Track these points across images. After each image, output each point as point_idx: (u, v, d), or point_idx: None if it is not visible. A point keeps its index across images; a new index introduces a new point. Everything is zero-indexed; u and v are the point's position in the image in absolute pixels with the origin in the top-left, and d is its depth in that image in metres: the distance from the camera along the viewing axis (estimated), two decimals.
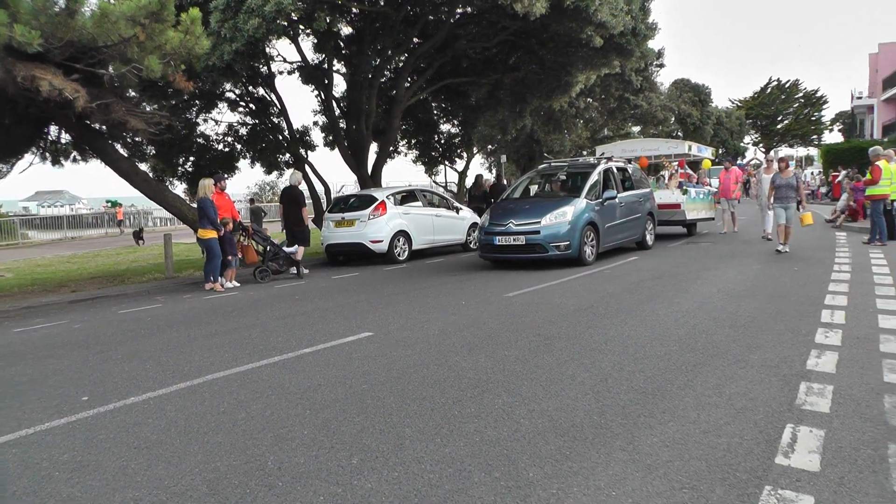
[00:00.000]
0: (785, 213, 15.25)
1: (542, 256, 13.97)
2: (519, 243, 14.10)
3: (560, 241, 13.83)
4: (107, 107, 12.26)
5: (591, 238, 14.50)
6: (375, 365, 6.70)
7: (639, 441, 4.44)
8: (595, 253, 14.65)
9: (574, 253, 13.94)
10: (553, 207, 14.30)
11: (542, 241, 13.87)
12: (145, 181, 16.98)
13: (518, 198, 16.51)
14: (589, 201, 14.69)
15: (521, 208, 14.93)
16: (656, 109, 47.23)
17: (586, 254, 14.26)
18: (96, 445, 4.79)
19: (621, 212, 15.91)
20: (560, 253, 13.83)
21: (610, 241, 15.43)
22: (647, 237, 17.38)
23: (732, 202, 21.47)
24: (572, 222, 14.01)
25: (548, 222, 13.97)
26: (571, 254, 13.92)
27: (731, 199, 21.34)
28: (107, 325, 10.02)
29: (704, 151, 23.65)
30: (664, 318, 8.38)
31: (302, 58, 21.47)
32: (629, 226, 16.40)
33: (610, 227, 15.32)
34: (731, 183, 21.24)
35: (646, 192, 17.71)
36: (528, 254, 14.09)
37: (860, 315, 8.15)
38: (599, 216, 14.82)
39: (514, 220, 14.33)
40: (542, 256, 13.99)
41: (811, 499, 3.59)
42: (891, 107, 55.05)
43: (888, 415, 4.77)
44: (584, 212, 14.35)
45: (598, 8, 16.85)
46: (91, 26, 10.75)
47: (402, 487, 3.90)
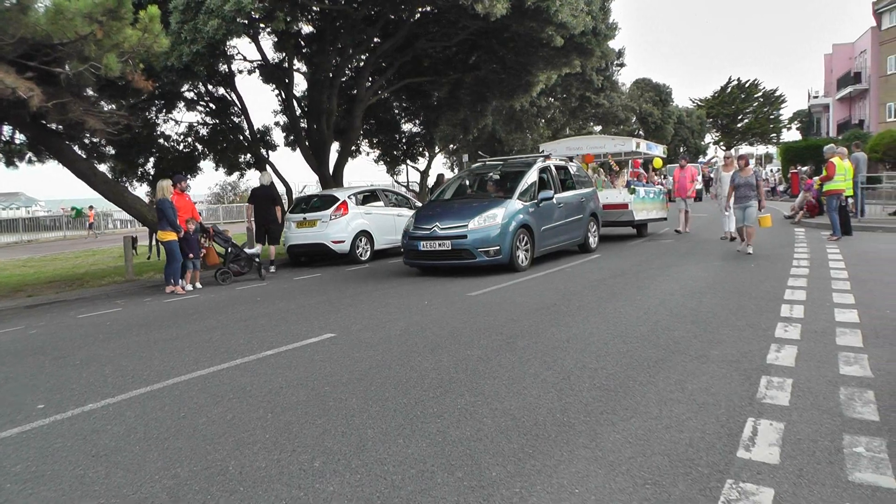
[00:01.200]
0: (743, 214, 14.61)
1: (470, 263, 13.09)
2: (445, 249, 13.15)
3: (489, 246, 12.89)
4: (63, 106, 12.06)
5: (524, 242, 13.58)
6: (338, 366, 6.67)
7: (601, 438, 4.47)
8: (530, 258, 13.74)
9: (505, 258, 13.03)
10: (482, 210, 13.37)
11: (469, 247, 12.92)
12: (105, 182, 16.76)
13: (448, 199, 15.40)
14: (523, 202, 13.80)
15: (449, 211, 14.02)
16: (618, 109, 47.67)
17: (519, 259, 13.33)
18: (52, 455, 4.70)
19: (560, 213, 15.00)
20: (489, 259, 12.94)
21: (547, 244, 14.55)
22: (589, 239, 16.39)
23: (688, 201, 20.77)
24: (503, 225, 13.06)
25: (476, 226, 13.03)
26: (502, 259, 13.01)
27: (686, 198, 20.67)
28: (64, 330, 9.87)
29: (655, 149, 22.46)
30: (626, 316, 8.44)
31: (262, 57, 21.35)
32: (569, 228, 15.43)
33: (547, 230, 14.41)
34: (687, 181, 20.64)
35: (588, 192, 16.69)
36: (455, 260, 13.23)
37: (818, 309, 8.30)
38: (534, 218, 13.93)
39: (439, 223, 13.41)
40: (469, 263, 13.10)
41: (771, 491, 3.65)
42: (845, 105, 56.19)
43: (844, 406, 4.86)
44: (516, 214, 13.43)
45: (558, 8, 16.96)
46: (45, 23, 10.56)
47: (364, 490, 3.88)
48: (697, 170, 36.28)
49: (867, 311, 8.06)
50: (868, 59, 50.70)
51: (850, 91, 53.03)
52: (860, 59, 53.61)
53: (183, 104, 21.46)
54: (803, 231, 19.27)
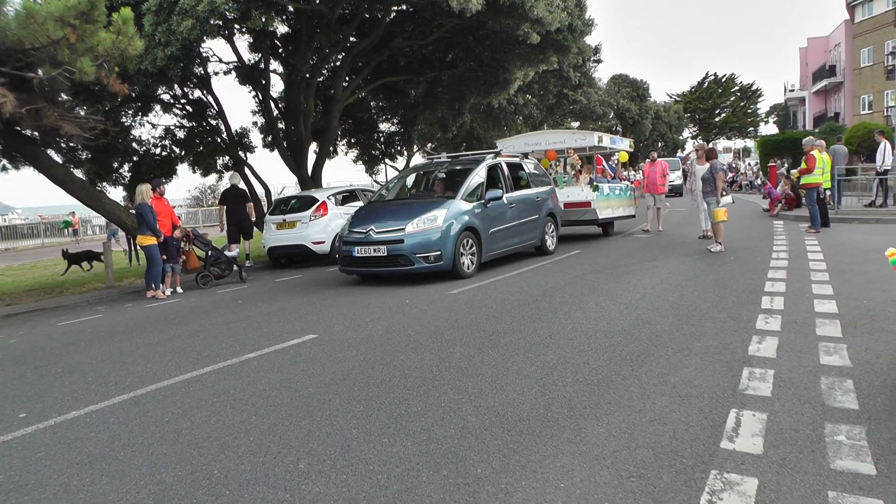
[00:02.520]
0: (708, 207, 14.44)
1: (407, 270, 12.03)
2: (380, 254, 12.11)
3: (429, 251, 11.86)
4: (37, 112, 11.95)
5: (469, 246, 12.54)
6: (321, 367, 6.67)
7: (585, 432, 4.49)
8: (477, 263, 12.75)
9: (447, 264, 12.00)
10: (421, 211, 12.34)
11: (406, 252, 11.88)
12: (82, 188, 16.62)
13: (388, 200, 14.45)
14: (468, 203, 12.78)
15: (386, 212, 13.02)
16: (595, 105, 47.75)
17: (463, 265, 12.31)
18: (35, 463, 4.67)
19: (512, 214, 13.98)
20: (429, 265, 11.91)
21: (497, 248, 13.53)
22: (547, 241, 15.39)
23: (659, 198, 19.69)
24: (444, 228, 12.03)
25: (414, 229, 12.00)
26: (443, 265, 11.98)
27: (657, 194, 19.61)
28: (45, 339, 9.79)
29: (620, 143, 21.19)
30: (608, 310, 8.48)
31: (238, 58, 21.28)
32: (523, 229, 14.39)
33: (496, 233, 13.40)
34: (658, 176, 19.62)
35: (545, 191, 15.63)
36: (391, 267, 12.17)
37: (798, 300, 8.38)
38: (481, 220, 12.91)
39: (374, 226, 12.36)
40: (406, 270, 12.04)
41: (755, 480, 3.68)
42: (821, 98, 56.69)
43: (824, 395, 4.92)
44: (460, 215, 12.42)
45: (534, 4, 17.02)
46: (16, 27, 10.47)
47: (349, 490, 3.88)
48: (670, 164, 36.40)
49: (846, 301, 8.14)
50: (842, 53, 51.16)
51: (825, 84, 53.48)
52: (835, 52, 54.07)
53: (159, 107, 21.35)
54: (782, 223, 19.41)
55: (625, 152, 21.33)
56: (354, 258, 12.41)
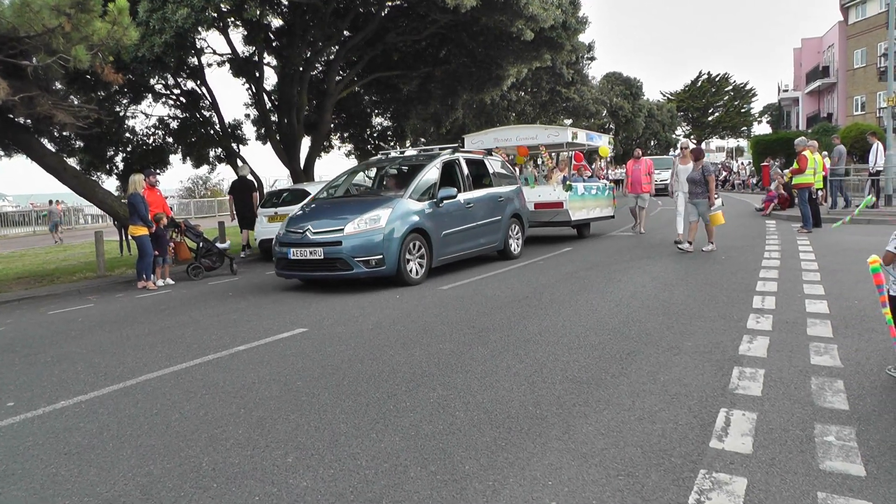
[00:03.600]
0: (695, 209, 13.69)
1: (345, 275, 11.02)
2: (316, 257, 11.04)
3: (369, 255, 10.83)
4: (31, 100, 11.91)
5: (417, 249, 11.56)
6: (310, 361, 6.67)
7: (574, 430, 4.50)
8: (426, 268, 11.74)
9: (390, 269, 11.01)
10: (363, 211, 11.34)
11: (344, 255, 10.82)
12: (75, 177, 16.54)
13: (334, 198, 13.23)
14: (418, 202, 11.81)
15: (327, 211, 12.00)
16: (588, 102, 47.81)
17: (409, 270, 11.35)
18: (23, 453, 4.66)
19: (470, 215, 12.98)
20: (369, 270, 10.89)
21: (451, 252, 12.51)
22: (510, 244, 14.34)
23: (643, 197, 18.84)
24: (388, 230, 11.01)
25: (353, 230, 10.97)
26: (385, 270, 10.99)
27: (641, 193, 18.79)
28: (35, 327, 9.76)
29: (597, 139, 19.79)
30: (598, 308, 8.50)
31: (232, 50, 21.22)
32: (483, 231, 13.37)
33: (451, 235, 12.37)
34: (642, 175, 18.75)
35: (510, 191, 14.62)
36: (328, 272, 11.15)
37: (789, 300, 8.42)
38: (433, 221, 11.90)
39: (312, 226, 11.33)
40: (344, 275, 11.04)
41: (744, 480, 3.70)
42: (814, 99, 56.83)
43: (814, 396, 4.95)
44: (407, 216, 11.42)
45: (528, 1, 17.02)
46: (11, 15, 10.42)
47: (337, 484, 3.89)
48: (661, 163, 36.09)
49: (837, 301, 8.18)
50: (836, 54, 51.29)
51: (818, 85, 53.65)
52: (828, 53, 54.22)
53: (152, 97, 21.28)
54: (774, 223, 19.48)
55: (605, 147, 20.13)
56: (290, 261, 11.36)
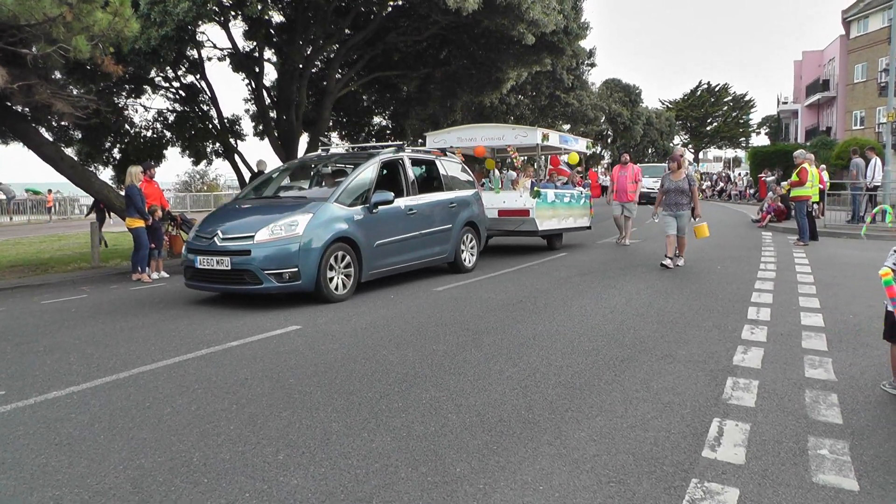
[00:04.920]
0: (676, 222, 12.76)
1: (254, 290, 9.64)
2: (223, 268, 9.69)
3: (282, 267, 9.50)
4: (29, 88, 11.87)
5: (342, 261, 10.20)
6: (303, 359, 6.66)
7: (566, 436, 4.50)
8: (354, 283, 10.38)
9: (306, 283, 9.67)
10: (280, 215, 10.03)
11: (253, 267, 9.48)
12: (72, 167, 16.50)
13: (253, 198, 11.82)
14: (345, 207, 10.43)
15: (241, 214, 10.71)
16: (587, 108, 47.85)
17: (332, 284, 9.99)
18: (13, 442, 4.64)
19: (412, 222, 11.66)
20: (282, 284, 9.57)
21: (386, 264, 11.14)
22: (462, 255, 13.04)
23: (629, 206, 17.45)
24: (306, 238, 9.68)
25: (265, 237, 9.63)
26: (301, 285, 9.65)
27: (627, 202, 17.41)
28: (28, 316, 9.72)
29: (574, 143, 18.20)
30: (592, 314, 8.50)
31: (233, 45, 21.17)
32: (428, 241, 12.04)
33: (386, 245, 11.03)
34: (628, 182, 17.40)
35: (464, 196, 13.26)
36: (236, 285, 9.81)
37: (784, 312, 8.44)
38: (363, 229, 10.55)
39: (222, 231, 10.01)
40: (253, 290, 9.66)
41: (736, 491, 3.70)
42: (813, 112, 56.95)
43: (808, 408, 4.96)
44: (330, 222, 10.07)
45: (530, 6, 17.01)
46: (12, 3, 10.37)
47: (328, 483, 3.88)
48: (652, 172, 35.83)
49: (832, 315, 8.21)
50: (836, 67, 51.36)
51: (818, 98, 53.71)
52: (829, 66, 54.29)
53: (151, 90, 21.23)
54: (770, 235, 19.51)
55: (575, 153, 18.17)
56: (196, 270, 10.06)
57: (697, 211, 12.89)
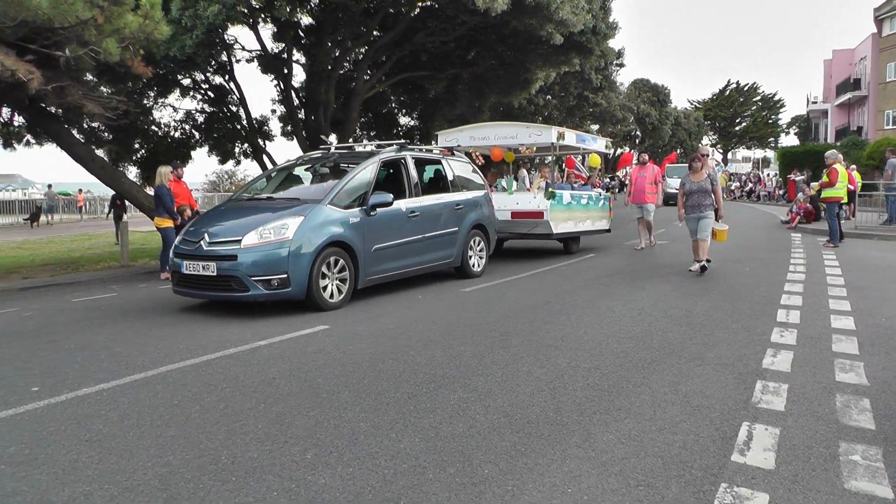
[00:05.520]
0: (697, 224, 12.15)
1: (242, 297, 9.11)
2: (209, 274, 9.15)
3: (270, 274, 8.94)
4: (62, 90, 12.01)
5: (337, 267, 9.62)
6: (330, 359, 6.68)
7: (594, 438, 4.48)
8: (349, 290, 9.80)
9: (297, 291, 9.10)
10: (270, 218, 9.47)
11: (239, 273, 8.92)
12: (102, 167, 16.70)
13: (246, 199, 11.25)
14: (340, 209, 9.87)
15: (231, 217, 10.15)
16: (615, 108, 47.65)
17: (325, 292, 9.39)
18: (45, 438, 4.70)
19: (415, 225, 11.08)
20: (269, 292, 9.00)
21: (386, 269, 10.60)
22: (470, 260, 12.41)
23: (648, 208, 16.61)
24: (297, 243, 9.12)
25: (253, 241, 9.07)
26: (292, 292, 9.09)
27: (646, 204, 16.56)
28: (59, 314, 9.84)
29: (592, 142, 17.43)
30: (620, 316, 8.46)
31: (261, 46, 21.31)
32: (432, 245, 11.47)
33: (386, 249, 10.48)
34: (647, 183, 16.54)
35: (473, 198, 12.64)
36: (222, 291, 9.25)
37: (814, 315, 8.35)
38: (360, 232, 9.99)
39: (209, 235, 9.44)
40: (240, 297, 9.13)
41: (766, 496, 3.66)
42: (843, 111, 56.27)
43: (839, 413, 4.89)
44: (323, 226, 9.51)
45: (558, 6, 16.94)
46: (47, 6, 10.51)
47: (355, 483, 3.88)
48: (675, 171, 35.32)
49: (863, 318, 8.10)
50: (868, 66, 50.75)
51: (849, 97, 53.08)
52: (860, 65, 53.64)
53: (180, 91, 21.41)
54: (800, 236, 19.32)
55: (596, 155, 17.73)
56: (182, 276, 9.58)
57: (720, 212, 12.26)
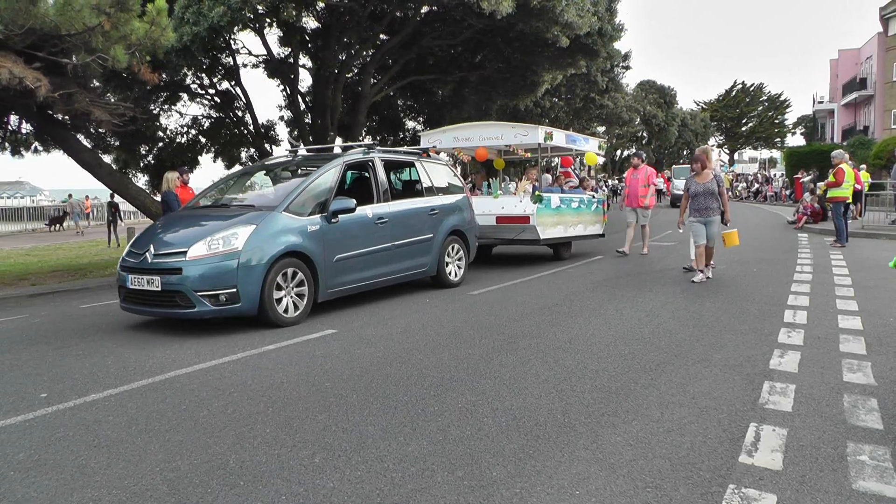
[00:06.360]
0: (705, 230, 11.37)
1: (188, 314, 8.27)
2: (154, 289, 8.33)
3: (218, 288, 8.17)
4: (70, 97, 12.07)
5: (293, 280, 8.83)
6: (338, 362, 6.68)
7: (602, 440, 4.47)
8: (308, 303, 9.02)
9: (248, 306, 8.34)
10: (218, 228, 8.66)
11: (184, 288, 8.12)
12: (109, 174, 16.76)
13: (201, 207, 10.37)
14: (297, 217, 9.05)
15: (179, 226, 9.29)
16: (622, 110, 47.53)
17: (280, 307, 8.61)
18: (54, 444, 4.71)
19: (383, 232, 10.28)
20: (217, 308, 8.22)
21: (350, 280, 9.77)
22: (447, 268, 11.63)
23: (642, 212, 15.90)
24: (247, 254, 8.32)
25: (200, 253, 8.27)
26: (242, 308, 8.32)
27: (640, 207, 15.87)
28: (67, 320, 9.86)
29: (583, 143, 16.45)
30: (628, 317, 8.45)
31: (267, 51, 21.36)
32: (403, 253, 10.67)
33: (349, 259, 9.65)
34: (640, 185, 15.83)
35: (450, 203, 11.89)
36: (167, 308, 8.42)
37: (821, 315, 8.32)
38: (320, 242, 9.19)
39: (154, 246, 8.65)
40: (186, 314, 8.29)
41: (774, 497, 3.65)
42: (850, 111, 56.11)
43: (847, 414, 4.87)
44: (278, 235, 8.68)
45: (564, 8, 16.97)
46: (54, 14, 10.56)
47: (364, 487, 3.88)
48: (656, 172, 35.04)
49: (870, 318, 8.08)
50: (874, 66, 50.62)
51: (855, 97, 52.97)
52: (866, 64, 53.51)
53: (188, 97, 21.48)
54: (806, 236, 19.27)
55: (592, 154, 16.73)
56: (129, 291, 8.73)
57: (727, 215, 11.56)
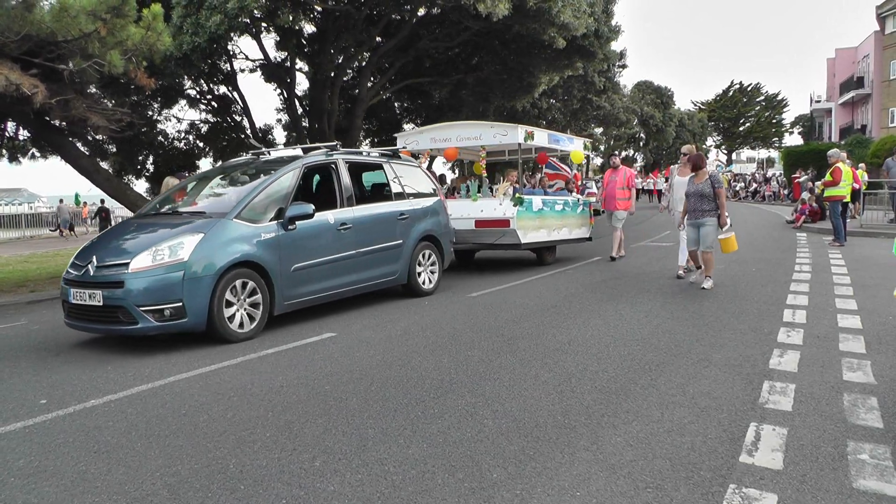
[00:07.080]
0: (697, 233, 10.71)
1: (130, 330, 7.67)
2: (95, 303, 7.70)
3: (162, 303, 7.53)
4: (67, 103, 12.05)
5: (245, 292, 8.19)
6: (338, 366, 6.68)
7: (602, 441, 4.47)
8: (262, 316, 8.37)
9: (195, 321, 7.72)
10: (164, 237, 8.02)
11: (126, 303, 7.48)
12: (107, 180, 16.74)
13: (151, 214, 9.52)
14: (249, 224, 8.38)
15: (125, 236, 8.70)
16: (619, 111, 47.57)
17: (232, 322, 8.02)
18: (54, 450, 4.71)
19: (346, 239, 9.61)
20: (161, 324, 7.58)
21: (310, 291, 9.10)
22: (419, 276, 11.05)
23: (618, 216, 15.12)
24: (194, 265, 7.69)
25: (144, 265, 7.62)
26: (188, 323, 7.68)
27: (616, 210, 15.11)
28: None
29: (567, 142, 15.75)
30: (627, 318, 8.45)
31: (264, 55, 21.39)
32: (371, 261, 10.03)
33: (307, 269, 8.97)
34: (617, 188, 15.09)
35: (420, 207, 11.20)
36: (110, 325, 7.78)
37: (820, 314, 8.33)
38: (275, 251, 8.51)
39: (97, 258, 7.99)
40: (129, 330, 7.69)
41: (774, 497, 3.65)
42: (847, 110, 56.15)
43: (847, 412, 4.88)
44: (228, 244, 8.05)
45: (560, 9, 16.99)
46: (50, 20, 10.56)
47: (364, 490, 3.88)
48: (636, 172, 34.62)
49: (870, 316, 8.09)
50: (871, 64, 50.63)
51: (852, 96, 52.98)
52: (863, 63, 53.53)
53: (185, 102, 21.50)
54: (805, 236, 19.28)
55: (579, 151, 15.95)
56: (71, 306, 8.10)
57: (724, 219, 10.66)
